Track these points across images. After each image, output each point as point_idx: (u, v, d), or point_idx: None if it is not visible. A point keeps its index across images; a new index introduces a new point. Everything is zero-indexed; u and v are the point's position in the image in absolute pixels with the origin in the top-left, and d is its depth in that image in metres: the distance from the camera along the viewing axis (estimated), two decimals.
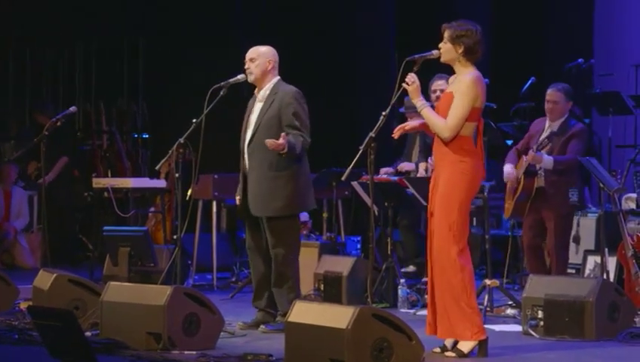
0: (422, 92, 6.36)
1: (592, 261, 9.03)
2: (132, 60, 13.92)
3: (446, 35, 6.28)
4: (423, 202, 7.80)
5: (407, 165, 9.38)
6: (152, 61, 13.62)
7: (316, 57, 12.72)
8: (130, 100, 13.91)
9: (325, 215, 10.27)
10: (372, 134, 6.62)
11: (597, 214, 9.07)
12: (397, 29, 13.05)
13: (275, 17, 12.99)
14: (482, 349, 6.23)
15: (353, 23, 13.18)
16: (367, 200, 8.35)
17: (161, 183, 10.78)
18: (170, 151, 7.41)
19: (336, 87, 12.81)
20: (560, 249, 8.26)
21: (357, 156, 6.64)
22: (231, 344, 6.61)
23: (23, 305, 7.69)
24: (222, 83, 7.35)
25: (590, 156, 8.24)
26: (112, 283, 6.85)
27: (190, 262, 9.76)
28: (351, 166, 6.72)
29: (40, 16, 13.21)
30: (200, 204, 9.97)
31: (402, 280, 8.38)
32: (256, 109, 7.33)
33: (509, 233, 9.65)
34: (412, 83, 6.28)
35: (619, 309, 6.93)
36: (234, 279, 9.99)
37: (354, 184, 8.79)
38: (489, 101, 7.93)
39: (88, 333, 6.52)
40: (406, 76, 6.30)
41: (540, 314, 6.95)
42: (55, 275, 7.32)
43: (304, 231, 9.70)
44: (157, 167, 8.02)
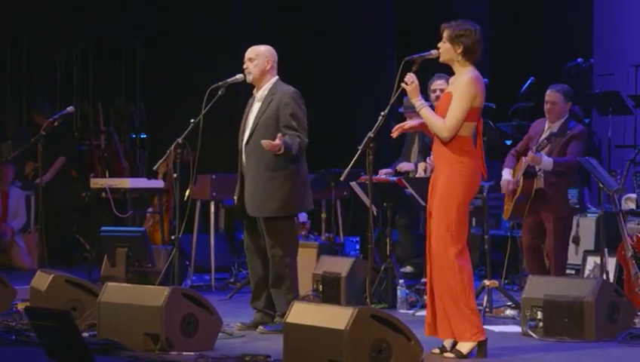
0: (421, 92, 6.36)
1: (592, 261, 9.01)
2: (130, 60, 13.89)
3: (445, 35, 6.27)
4: (422, 202, 7.78)
5: (406, 165, 9.36)
6: (151, 61, 13.60)
7: (316, 57, 12.72)
8: (127, 100, 13.90)
9: (324, 215, 10.26)
10: (371, 134, 6.60)
11: (597, 214, 9.06)
12: (396, 29, 13.04)
13: (275, 17, 12.99)
14: (481, 350, 6.22)
15: (353, 23, 13.17)
16: (365, 200, 8.33)
17: (158, 183, 10.76)
18: (168, 151, 7.39)
19: (336, 87, 12.81)
20: (559, 251, 8.25)
21: (356, 156, 6.62)
22: (229, 345, 6.60)
23: (21, 306, 7.68)
24: (220, 83, 7.33)
25: (591, 156, 8.22)
26: (110, 283, 6.83)
27: (188, 263, 9.73)
28: (349, 166, 6.70)
29: (38, 15, 13.19)
30: (198, 205, 9.94)
31: (401, 280, 8.36)
32: (254, 109, 7.31)
33: (509, 233, 9.64)
34: (411, 83, 6.28)
35: (618, 310, 6.92)
36: (232, 280, 9.98)
37: (353, 184, 8.76)
38: (488, 101, 7.92)
39: (86, 334, 6.50)
40: (405, 76, 6.29)
41: (540, 315, 6.94)
42: (52, 276, 7.30)
43: (303, 231, 9.69)
44: (155, 168, 8.00)
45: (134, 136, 13.86)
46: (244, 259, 7.92)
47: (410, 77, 6.28)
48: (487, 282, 7.85)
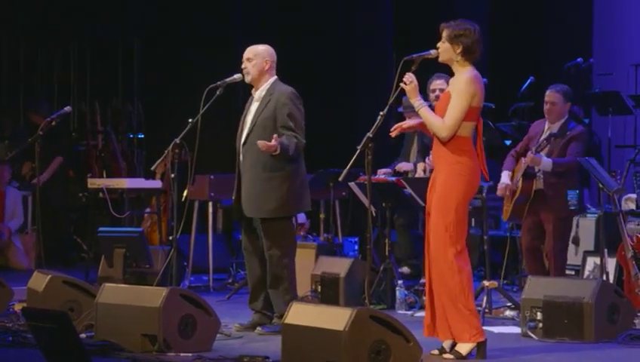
0: (420, 91, 6.34)
1: (592, 262, 8.99)
2: (127, 60, 13.87)
3: (444, 35, 6.26)
4: (421, 202, 7.76)
5: (405, 165, 9.35)
6: (151, 61, 13.59)
7: (316, 57, 12.73)
8: (125, 100, 13.88)
9: (322, 216, 10.24)
10: (370, 134, 6.57)
11: (596, 215, 9.04)
12: (396, 29, 13.05)
13: (275, 17, 12.99)
14: (481, 351, 6.20)
15: (353, 23, 13.18)
16: (364, 200, 8.30)
17: (156, 184, 10.75)
18: (165, 151, 7.36)
19: (335, 87, 12.81)
20: (558, 251, 8.23)
21: (354, 156, 6.59)
22: (227, 346, 6.58)
23: (18, 307, 7.67)
24: (218, 83, 7.31)
25: (590, 157, 8.20)
26: (107, 284, 6.81)
27: (186, 264, 9.71)
28: (348, 166, 6.67)
29: (35, 15, 13.18)
30: (196, 205, 9.92)
31: (400, 281, 8.35)
32: (252, 109, 7.29)
33: (508, 234, 9.62)
34: (410, 82, 6.26)
35: (618, 311, 6.91)
36: (230, 280, 9.96)
37: (351, 185, 8.74)
38: (487, 101, 7.90)
39: (83, 335, 6.49)
40: (404, 75, 6.26)
41: (539, 316, 6.92)
42: (50, 276, 7.27)
43: (301, 232, 9.67)
44: (152, 168, 7.97)
45: (132, 136, 13.84)
46: (242, 260, 7.89)
47: (409, 76, 6.27)
48: (486, 283, 7.83)
